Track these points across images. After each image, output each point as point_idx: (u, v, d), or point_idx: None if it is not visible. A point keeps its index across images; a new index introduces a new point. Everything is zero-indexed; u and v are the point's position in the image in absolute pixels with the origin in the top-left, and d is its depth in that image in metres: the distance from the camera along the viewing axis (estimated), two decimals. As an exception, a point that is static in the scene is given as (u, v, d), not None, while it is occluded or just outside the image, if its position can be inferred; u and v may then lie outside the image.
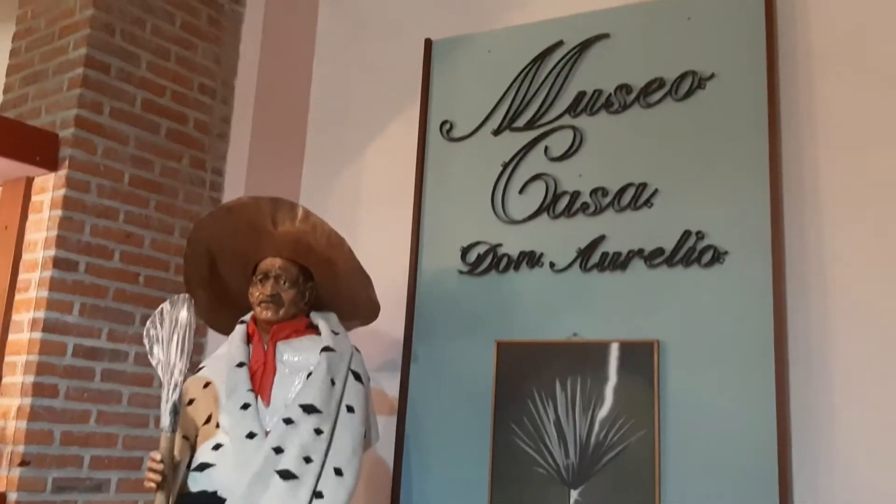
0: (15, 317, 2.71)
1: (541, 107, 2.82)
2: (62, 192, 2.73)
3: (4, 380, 2.66)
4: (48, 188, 2.77)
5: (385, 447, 2.84)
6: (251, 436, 2.27)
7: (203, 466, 2.27)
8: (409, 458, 2.80)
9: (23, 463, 2.50)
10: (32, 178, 2.83)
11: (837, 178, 2.40)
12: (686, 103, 2.60)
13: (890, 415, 2.22)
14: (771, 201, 2.41)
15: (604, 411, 2.51)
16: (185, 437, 2.34)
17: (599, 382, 2.53)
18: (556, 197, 2.72)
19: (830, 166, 2.42)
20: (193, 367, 2.36)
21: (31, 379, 2.58)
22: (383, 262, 2.73)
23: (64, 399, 2.64)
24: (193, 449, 2.34)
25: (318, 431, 2.28)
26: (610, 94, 2.71)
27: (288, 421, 2.27)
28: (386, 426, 2.84)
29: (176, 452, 2.27)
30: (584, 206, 2.67)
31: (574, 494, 2.48)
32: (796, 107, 2.49)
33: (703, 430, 2.38)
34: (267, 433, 2.26)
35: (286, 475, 2.22)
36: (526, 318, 2.72)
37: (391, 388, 2.92)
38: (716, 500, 2.31)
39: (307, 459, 2.25)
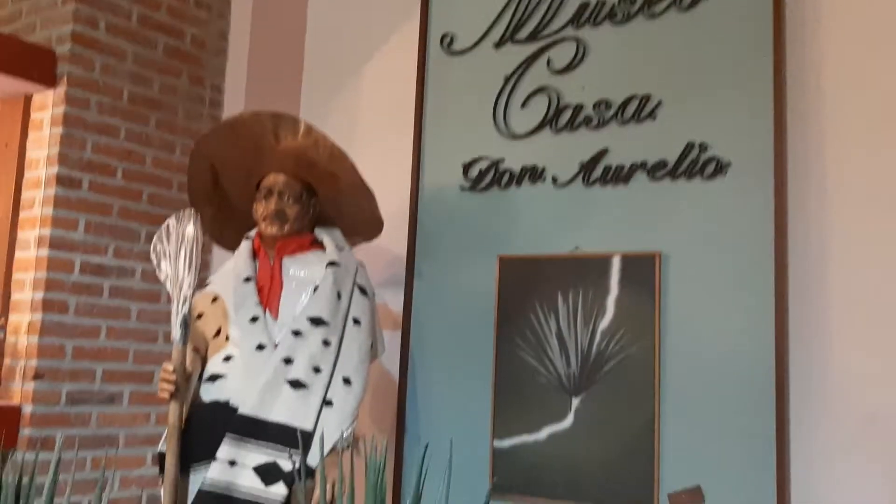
0: (21, 234, 2.73)
1: (543, 18, 2.77)
2: (62, 109, 2.71)
3: (14, 296, 2.69)
4: (47, 105, 2.75)
5: (391, 361, 2.91)
6: (261, 347, 2.32)
7: (214, 377, 2.33)
8: (415, 370, 2.87)
9: (36, 376, 2.56)
10: (31, 96, 2.80)
11: (842, 90, 2.39)
12: (691, 14, 2.56)
13: (886, 326, 2.27)
14: (774, 112, 2.40)
15: (605, 322, 2.56)
16: (195, 350, 2.39)
17: (601, 295, 2.57)
18: (559, 110, 2.71)
19: (835, 78, 2.40)
20: (200, 284, 2.39)
21: (40, 295, 2.62)
22: (385, 178, 2.74)
23: (74, 315, 2.68)
24: (204, 361, 2.39)
25: (325, 343, 2.34)
26: (613, 5, 2.67)
27: (296, 333, 2.32)
28: (391, 340, 2.89)
29: (188, 364, 2.33)
30: (587, 120, 2.66)
31: (575, 402, 2.55)
32: (802, 19, 2.46)
33: (702, 340, 2.43)
34: (276, 346, 2.31)
35: (296, 384, 2.28)
36: (528, 232, 2.74)
37: (395, 303, 2.96)
38: (713, 408, 2.38)
39: (316, 370, 2.31)
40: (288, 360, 2.31)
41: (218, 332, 2.40)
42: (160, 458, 2.26)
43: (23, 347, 2.60)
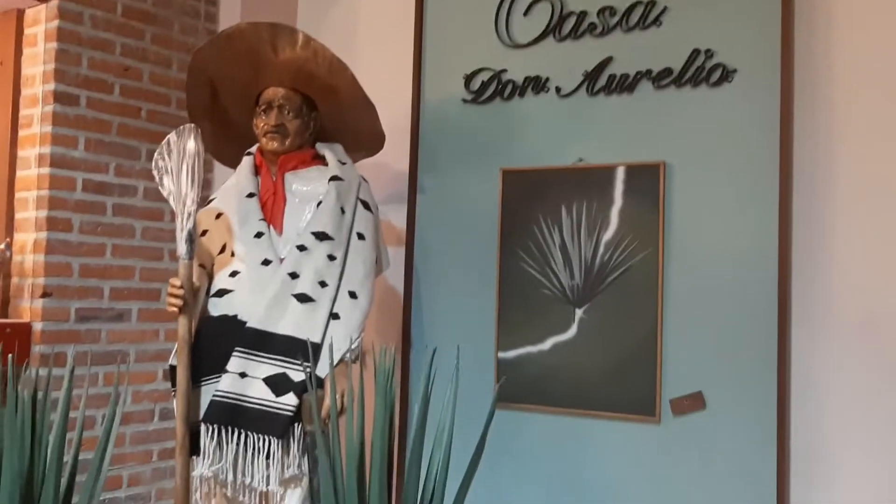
0: (21, 153, 2.71)
1: (546, -78, 2.69)
2: (55, 23, 2.66)
3: (18, 215, 2.69)
4: (40, 20, 2.69)
5: (395, 276, 2.92)
6: (266, 263, 2.34)
7: (222, 293, 2.35)
8: (419, 285, 2.89)
9: (44, 294, 2.58)
10: (24, 11, 2.74)
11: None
12: (698, -86, 2.48)
13: (887, 234, 2.28)
14: (782, 19, 2.35)
15: (609, 234, 2.56)
16: (201, 266, 2.40)
17: (605, 206, 2.56)
18: (563, 18, 2.65)
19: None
20: (203, 202, 2.39)
21: (43, 213, 2.62)
22: (385, 91, 2.69)
23: (78, 233, 2.68)
24: (210, 277, 2.41)
25: (331, 257, 2.35)
26: None
27: (301, 248, 2.33)
28: (395, 256, 2.90)
29: (194, 279, 2.34)
30: (591, 27, 2.60)
31: (579, 313, 2.58)
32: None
33: (706, 249, 2.43)
34: (281, 261, 2.33)
35: (303, 298, 2.30)
36: (531, 145, 2.71)
37: (398, 219, 2.96)
38: (716, 316, 2.40)
39: (322, 284, 2.33)
40: (294, 275, 2.32)
41: (223, 249, 2.41)
42: (171, 372, 2.30)
43: (29, 266, 2.62)
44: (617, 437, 2.50)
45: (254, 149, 2.51)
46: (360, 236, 2.41)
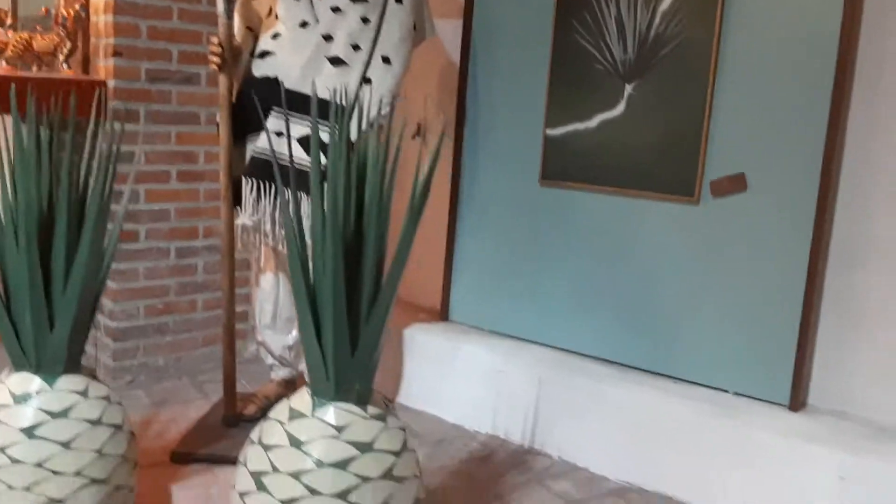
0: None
1: None
2: None
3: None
4: None
5: (453, 48, 2.89)
6: (304, 25, 2.36)
7: (264, 54, 2.41)
8: (476, 60, 2.84)
9: (115, 53, 2.73)
10: None
11: None
12: None
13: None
14: None
15: (666, 3, 2.39)
16: (248, 28, 2.46)
17: (665, -27, 2.37)
18: None
19: None
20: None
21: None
22: None
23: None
24: (256, 39, 2.47)
25: (364, 20, 2.34)
26: None
27: (335, 9, 2.33)
28: (455, 29, 2.85)
29: (239, 39, 2.41)
30: None
31: (628, 88, 2.48)
32: None
33: (765, 25, 2.24)
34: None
35: (336, 61, 2.33)
36: None
37: (459, -9, 2.87)
38: (767, 98, 2.25)
39: (355, 47, 2.34)
40: (328, 37, 2.34)
41: (270, 12, 2.45)
42: (217, 128, 2.43)
43: (102, 26, 2.76)
44: (657, 216, 2.47)
45: None
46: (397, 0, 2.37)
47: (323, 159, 2.27)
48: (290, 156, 1.74)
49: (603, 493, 2.34)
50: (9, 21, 2.71)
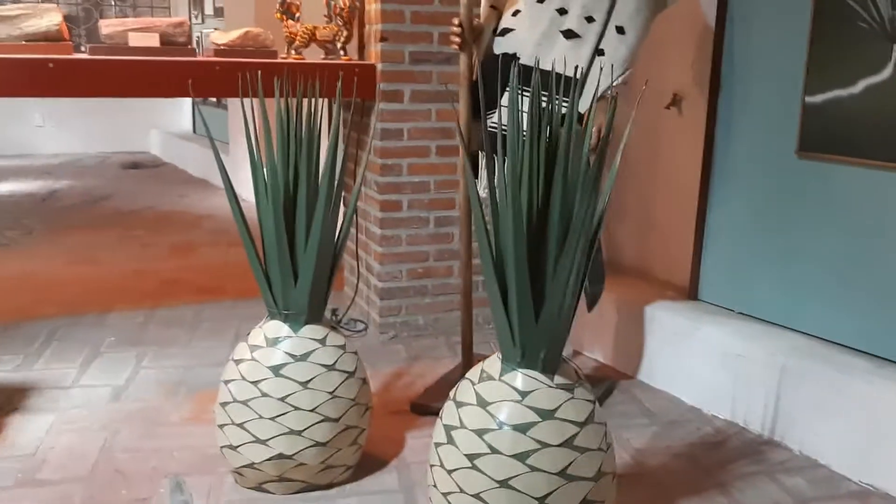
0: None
1: None
2: None
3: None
4: None
5: (711, 13, 2.74)
6: (541, 0, 2.41)
7: (504, 31, 2.50)
8: (732, 25, 2.67)
9: (382, 39, 3.00)
10: None
11: None
12: None
13: None
14: None
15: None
16: (492, 7, 2.56)
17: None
18: None
19: None
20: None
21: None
22: None
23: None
24: (500, 17, 2.56)
25: (600, -9, 2.32)
26: None
27: (570, -18, 2.35)
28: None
29: (482, 19, 2.53)
30: None
31: (898, 49, 2.19)
32: None
33: None
34: (557, -3, 2.37)
35: (569, 34, 2.36)
36: None
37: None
38: None
39: (589, 19, 2.34)
40: (562, 11, 2.37)
41: (515, -10, 2.53)
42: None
43: (372, 14, 3.04)
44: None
45: None
46: (635, -34, 2.32)
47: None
48: (500, 125, 1.78)
49: (841, 493, 2.14)
50: (298, 14, 3.08)
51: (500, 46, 2.50)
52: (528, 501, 1.61)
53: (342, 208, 2.22)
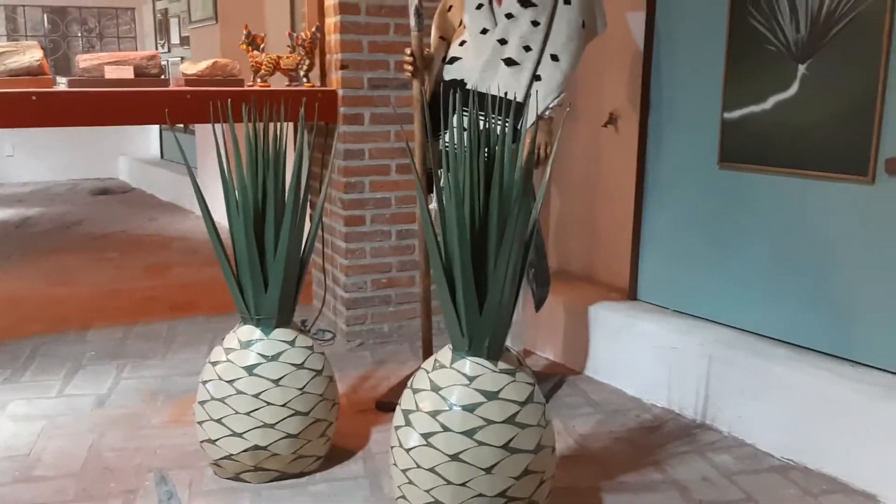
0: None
1: None
2: None
3: (327, 1, 3.33)
4: None
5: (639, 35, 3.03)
6: (484, 31, 2.67)
7: (453, 60, 2.75)
8: (660, 48, 2.95)
9: (343, 67, 3.24)
10: None
11: None
12: None
13: None
14: None
15: (837, -19, 2.36)
16: (441, 38, 2.82)
17: (837, -51, 2.34)
18: None
19: None
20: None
21: (337, -1, 3.23)
22: None
23: (365, 14, 3.22)
24: (449, 47, 2.81)
25: (534, 23, 2.59)
26: None
27: (509, 16, 2.61)
28: (636, 20, 2.99)
29: (433, 49, 2.78)
30: None
31: (801, 69, 2.47)
32: None
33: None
34: (497, 29, 2.63)
35: (509, 62, 2.61)
36: None
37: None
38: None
39: (526, 48, 2.60)
40: (502, 41, 2.62)
41: (461, 22, 2.79)
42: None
43: (332, 44, 3.28)
44: (832, 196, 2.44)
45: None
46: (566, 1, 2.58)
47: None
48: (451, 144, 1.99)
49: (763, 468, 2.39)
50: (262, 45, 3.32)
51: (450, 73, 2.75)
52: (477, 472, 1.83)
53: (308, 222, 2.44)
